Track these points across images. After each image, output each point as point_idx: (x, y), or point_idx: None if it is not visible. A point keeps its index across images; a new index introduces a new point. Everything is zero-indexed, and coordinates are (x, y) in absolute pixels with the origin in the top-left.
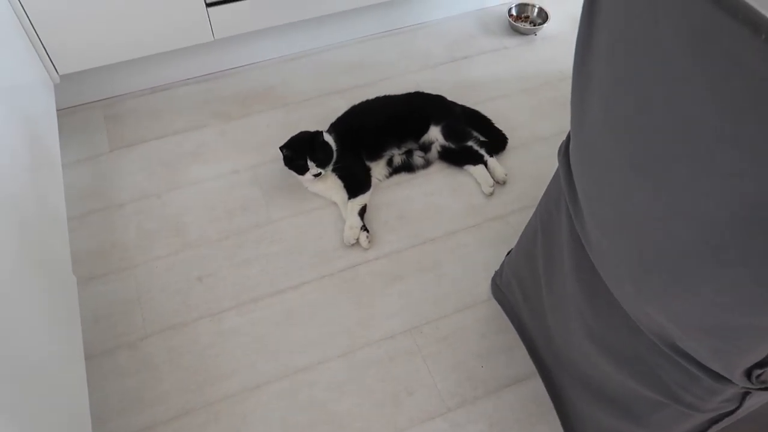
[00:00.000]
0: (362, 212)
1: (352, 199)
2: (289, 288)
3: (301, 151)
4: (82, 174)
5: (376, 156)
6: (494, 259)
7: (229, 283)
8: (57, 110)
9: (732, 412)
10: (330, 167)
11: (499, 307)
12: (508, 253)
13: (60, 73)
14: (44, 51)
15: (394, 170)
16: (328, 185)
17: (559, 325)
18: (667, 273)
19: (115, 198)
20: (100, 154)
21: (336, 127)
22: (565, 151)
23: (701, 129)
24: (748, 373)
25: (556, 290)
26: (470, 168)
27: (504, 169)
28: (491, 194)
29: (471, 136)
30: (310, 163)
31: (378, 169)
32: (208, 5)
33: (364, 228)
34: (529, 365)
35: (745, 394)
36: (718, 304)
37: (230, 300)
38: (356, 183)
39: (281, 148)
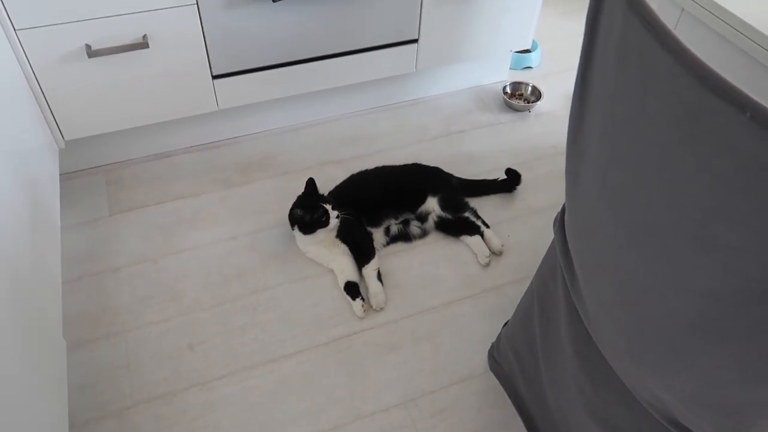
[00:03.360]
0: (379, 278)
1: (365, 266)
2: (282, 357)
3: (312, 203)
4: (80, 237)
5: (373, 225)
6: (491, 331)
7: (221, 350)
8: (60, 174)
9: None
10: (334, 230)
11: (495, 380)
12: (504, 325)
13: (66, 139)
14: (52, 117)
15: (392, 239)
16: (330, 252)
17: (558, 400)
18: (666, 347)
19: (111, 262)
20: (100, 218)
21: (334, 196)
22: (560, 222)
23: (695, 205)
24: None
25: (554, 363)
26: (467, 238)
27: (500, 240)
28: (488, 265)
29: (468, 207)
30: (327, 207)
31: (375, 238)
32: (215, 77)
33: (361, 297)
34: None
35: None
36: (721, 379)
37: (222, 368)
38: (365, 248)
39: (294, 211)
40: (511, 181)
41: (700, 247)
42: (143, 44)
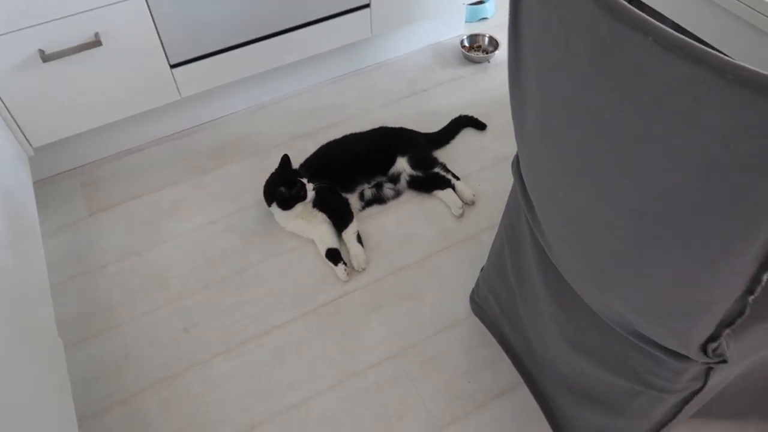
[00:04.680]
0: (359, 240)
1: (345, 231)
2: (274, 328)
3: (290, 179)
4: (64, 241)
5: (347, 191)
6: (470, 278)
7: (215, 330)
8: (33, 182)
9: (700, 390)
10: (311, 201)
11: (479, 323)
12: (482, 270)
13: (34, 146)
14: (17, 126)
15: (367, 203)
16: (308, 222)
17: (536, 332)
18: (617, 265)
19: (97, 261)
20: (79, 220)
21: (306, 168)
22: (516, 165)
23: (620, 132)
24: (704, 348)
25: (529, 298)
26: (439, 193)
27: (472, 190)
28: (462, 216)
29: (437, 162)
30: (304, 180)
31: (351, 204)
32: (172, 66)
33: (343, 261)
34: (515, 375)
35: (708, 371)
36: (663, 286)
37: (218, 347)
38: (342, 213)
39: (272, 188)
40: (470, 119)
41: (630, 169)
42: (96, 42)
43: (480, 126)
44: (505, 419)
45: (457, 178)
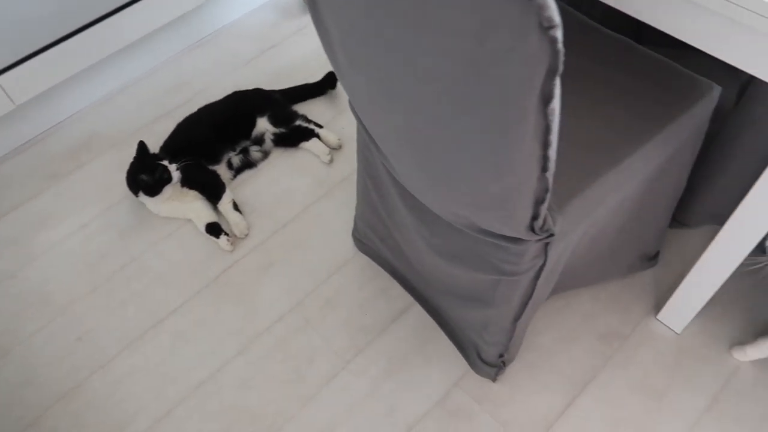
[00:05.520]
0: (236, 208)
1: (220, 203)
2: (169, 314)
3: (149, 165)
4: None
5: (214, 163)
6: (350, 219)
7: (110, 331)
8: None
9: (543, 265)
10: (178, 181)
11: (365, 257)
12: (356, 208)
13: None
14: None
15: (237, 171)
16: (181, 202)
17: (412, 251)
18: (437, 165)
19: None
20: None
21: (166, 149)
22: (350, 101)
23: (404, 45)
24: (532, 228)
25: (398, 222)
26: (305, 144)
27: (336, 135)
28: (331, 161)
29: (297, 115)
30: (164, 163)
31: (221, 174)
32: None
33: (224, 233)
34: (406, 297)
35: (546, 247)
36: (482, 182)
37: (116, 346)
38: (213, 186)
39: (137, 179)
40: (329, 80)
41: (421, 79)
42: None
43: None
44: (404, 338)
45: (320, 126)
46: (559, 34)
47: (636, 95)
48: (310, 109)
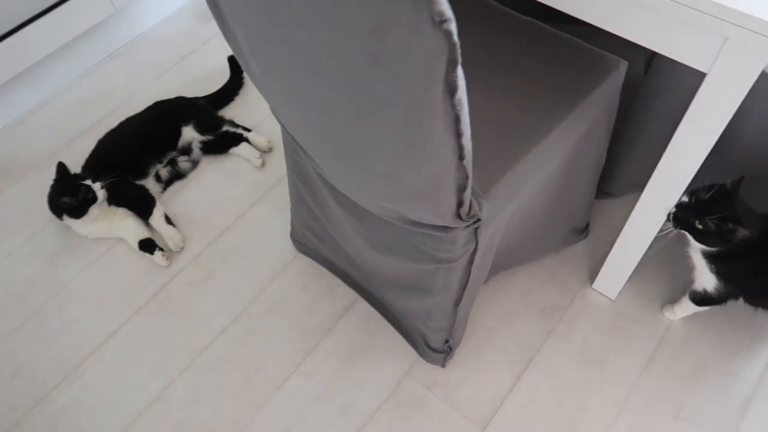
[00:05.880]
0: (168, 221)
1: (151, 218)
2: (109, 336)
3: (71, 186)
4: None
5: (141, 177)
6: (287, 221)
7: (45, 363)
8: None
9: (476, 250)
10: (104, 200)
11: (306, 258)
12: (291, 210)
13: None
14: None
15: (166, 183)
16: (110, 221)
17: (350, 247)
18: (356, 165)
19: None
20: None
21: (89, 168)
22: None
23: (303, 45)
24: (459, 215)
25: (333, 220)
26: (235, 149)
27: (265, 138)
28: (263, 164)
29: (223, 120)
30: (87, 183)
31: (150, 188)
32: None
33: (159, 248)
34: (350, 293)
35: (475, 231)
36: (396, 173)
37: (54, 378)
38: (142, 202)
39: (59, 202)
40: (234, 66)
41: (331, 81)
42: None
43: None
44: (352, 335)
45: (249, 130)
46: (452, 27)
47: (548, 76)
48: (238, 113)
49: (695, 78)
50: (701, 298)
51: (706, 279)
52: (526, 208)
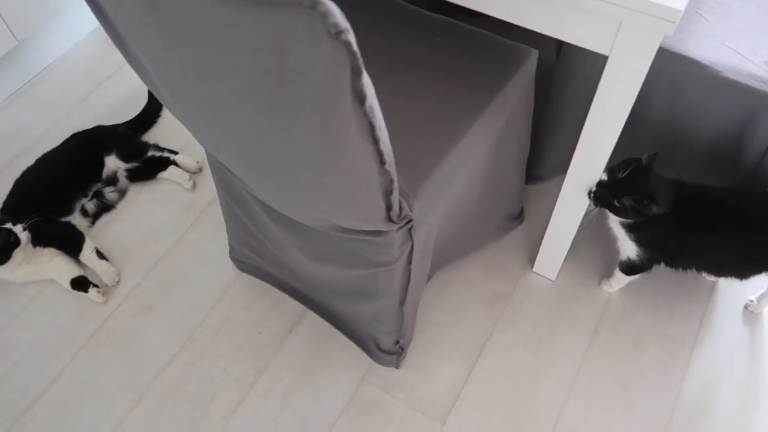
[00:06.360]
0: (101, 255)
1: (81, 255)
2: (49, 384)
3: None
4: None
5: (67, 214)
6: (225, 241)
7: None
8: None
9: (413, 249)
10: (28, 242)
11: (249, 276)
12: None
13: None
14: None
15: (94, 216)
16: (38, 264)
17: (290, 260)
18: (280, 179)
19: None
20: None
21: (8, 210)
22: None
23: (203, 67)
24: (389, 218)
25: (270, 236)
26: (163, 174)
27: (194, 158)
28: (194, 186)
29: (148, 145)
30: (8, 226)
31: (77, 224)
32: None
33: (93, 285)
34: (297, 306)
35: (409, 231)
36: (320, 184)
37: None
38: (70, 240)
39: None
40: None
41: (242, 100)
42: None
43: None
44: (303, 347)
45: (175, 152)
46: (350, 37)
47: (464, 71)
48: (163, 136)
49: (600, 61)
50: (628, 267)
51: (628, 248)
52: (459, 202)
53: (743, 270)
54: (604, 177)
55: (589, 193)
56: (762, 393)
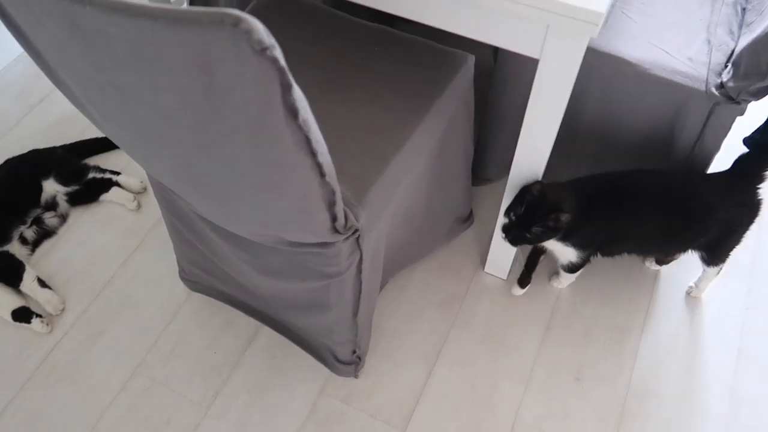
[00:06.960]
0: (43, 284)
1: (21, 285)
2: None
3: None
4: None
5: (4, 243)
6: (173, 261)
7: None
8: None
9: (362, 259)
10: None
11: (201, 295)
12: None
13: None
14: None
15: (34, 243)
16: None
17: (240, 276)
18: (220, 197)
19: None
20: None
21: None
22: None
23: (128, 87)
24: (335, 229)
25: (218, 252)
26: (106, 196)
27: (137, 178)
28: (139, 207)
29: (88, 168)
30: None
31: (15, 253)
32: None
33: (36, 315)
34: (251, 321)
35: (357, 241)
36: (261, 200)
37: None
38: (8, 269)
39: None
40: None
41: (172, 119)
42: None
43: None
44: (260, 363)
45: (117, 173)
46: (276, 53)
47: (403, 78)
48: (105, 157)
49: (533, 64)
50: (570, 268)
51: (567, 254)
52: (405, 209)
53: (665, 246)
54: (506, 220)
55: (504, 238)
56: (703, 370)
